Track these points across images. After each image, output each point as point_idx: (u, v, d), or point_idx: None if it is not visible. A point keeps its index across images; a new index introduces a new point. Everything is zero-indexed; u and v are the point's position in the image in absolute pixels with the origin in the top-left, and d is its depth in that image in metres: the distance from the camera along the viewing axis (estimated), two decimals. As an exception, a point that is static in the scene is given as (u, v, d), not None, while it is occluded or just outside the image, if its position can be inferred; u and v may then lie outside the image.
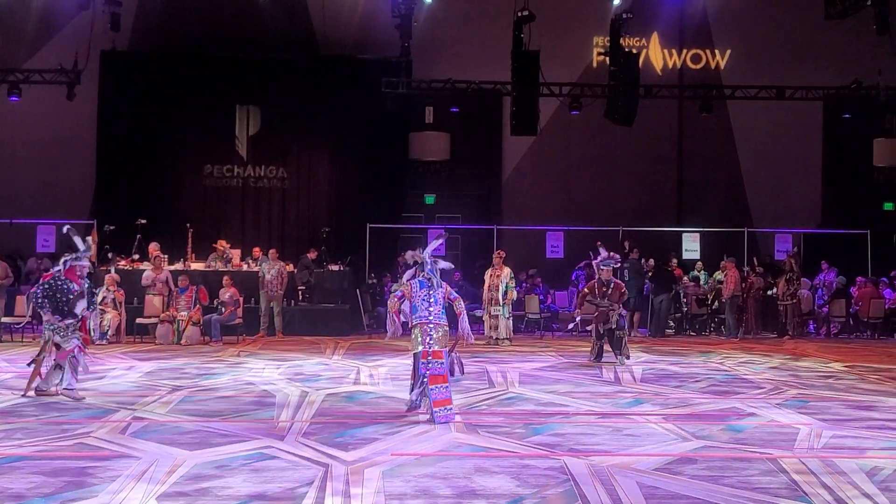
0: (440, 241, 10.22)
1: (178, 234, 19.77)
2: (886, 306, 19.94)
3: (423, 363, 9.34)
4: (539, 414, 9.91)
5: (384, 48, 21.71)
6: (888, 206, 23.91)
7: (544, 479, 6.98)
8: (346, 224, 22.18)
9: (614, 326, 14.41)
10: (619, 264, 15.32)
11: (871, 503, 6.40)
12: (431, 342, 9.34)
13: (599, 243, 18.31)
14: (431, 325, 9.41)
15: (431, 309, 9.46)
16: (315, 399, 10.56)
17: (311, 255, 19.21)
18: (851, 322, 20.24)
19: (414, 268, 9.95)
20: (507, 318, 17.46)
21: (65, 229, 10.99)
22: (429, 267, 9.61)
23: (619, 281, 15.07)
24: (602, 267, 14.72)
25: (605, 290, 14.52)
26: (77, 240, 10.88)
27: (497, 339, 17.21)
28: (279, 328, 18.23)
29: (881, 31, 19.35)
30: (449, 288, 9.85)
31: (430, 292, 9.52)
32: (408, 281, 9.85)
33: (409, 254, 10.16)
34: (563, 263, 21.90)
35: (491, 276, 17.57)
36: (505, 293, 17.28)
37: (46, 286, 10.69)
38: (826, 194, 24.17)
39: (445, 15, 22.18)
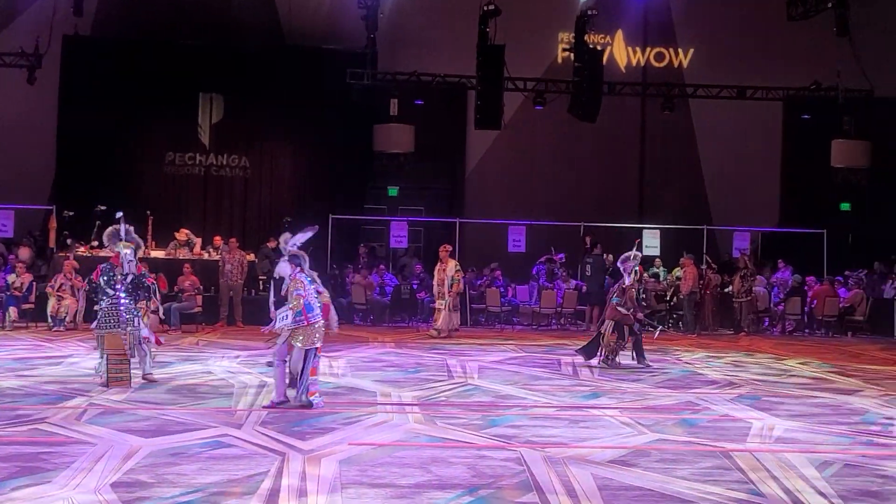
0: (309, 233, 9.81)
1: (138, 222, 19.54)
2: (841, 305, 20.25)
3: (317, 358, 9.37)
4: (497, 406, 9.98)
5: (350, 39, 21.62)
6: (845, 206, 24.23)
7: (500, 469, 7.04)
8: (309, 214, 21.97)
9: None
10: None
11: (820, 496, 6.53)
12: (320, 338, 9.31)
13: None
14: (321, 322, 9.34)
15: (317, 305, 9.35)
16: (273, 388, 10.54)
17: (271, 244, 19.10)
18: (806, 320, 20.55)
19: (289, 262, 9.41)
20: (453, 311, 17.41)
21: (118, 215, 11.20)
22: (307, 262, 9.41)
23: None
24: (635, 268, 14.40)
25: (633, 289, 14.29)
26: (122, 227, 11.00)
27: (435, 329, 17.20)
28: (239, 317, 18.15)
29: (841, 34, 19.61)
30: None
31: (315, 287, 9.45)
32: (298, 279, 9.30)
33: (288, 246, 9.60)
34: (524, 258, 21.99)
35: (438, 270, 17.56)
36: (450, 286, 17.28)
37: (104, 275, 10.83)
38: (784, 194, 24.45)
39: (412, 7, 22.14)
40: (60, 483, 6.31)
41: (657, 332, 14.49)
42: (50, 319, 16.74)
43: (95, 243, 18.51)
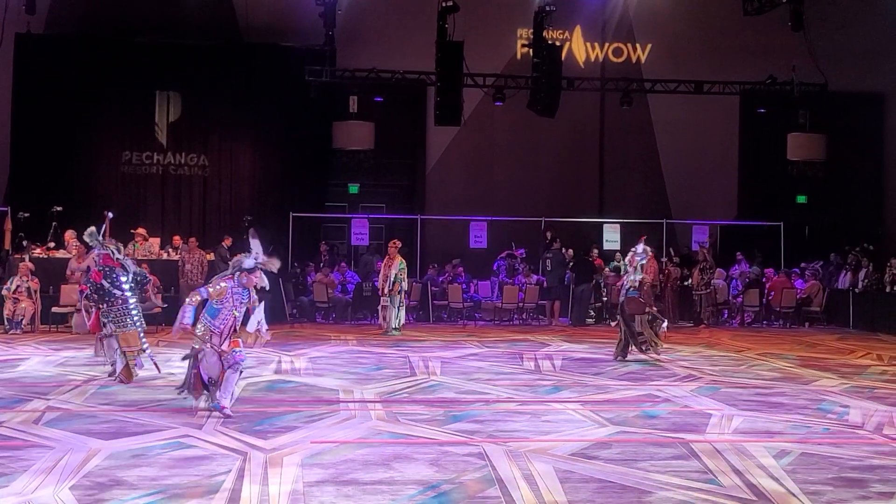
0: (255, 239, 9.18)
1: (95, 222, 19.27)
2: (798, 296, 20.54)
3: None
4: (459, 401, 10.00)
5: (308, 36, 21.54)
6: (801, 198, 24.59)
7: (463, 464, 7.06)
8: (269, 213, 21.98)
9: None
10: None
11: (777, 485, 6.61)
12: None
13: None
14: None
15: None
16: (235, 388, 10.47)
17: (227, 242, 19.00)
18: (764, 311, 20.82)
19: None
20: (399, 307, 17.37)
21: (109, 215, 12.01)
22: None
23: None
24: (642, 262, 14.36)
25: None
26: (102, 227, 11.64)
27: (388, 328, 17.22)
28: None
29: (796, 28, 19.88)
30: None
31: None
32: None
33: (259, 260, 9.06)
34: (486, 253, 22.06)
35: (385, 265, 17.53)
36: (393, 283, 17.25)
37: (107, 278, 11.09)
38: (742, 187, 24.75)
39: (370, 4, 22.11)
40: (18, 488, 6.23)
41: (664, 326, 14.58)
42: (6, 322, 16.51)
43: (52, 244, 18.28)
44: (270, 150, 22.88)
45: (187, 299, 8.98)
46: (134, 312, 11.06)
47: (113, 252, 11.28)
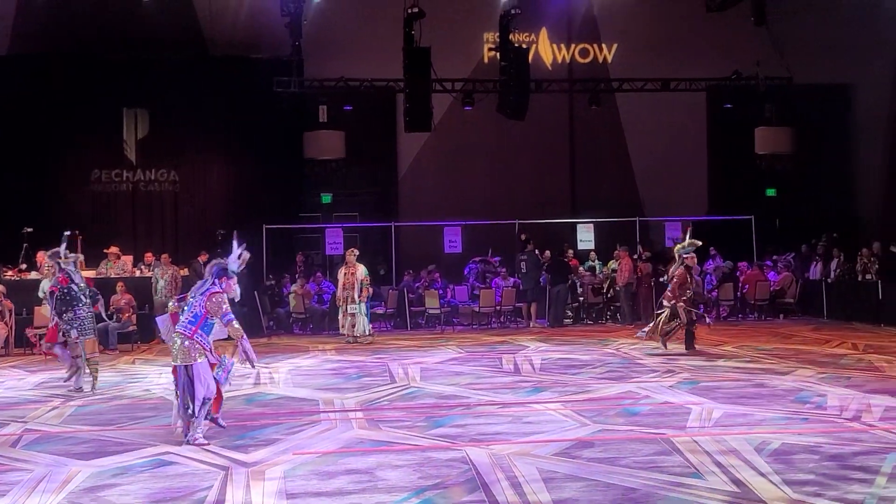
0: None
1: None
2: (771, 289, 20.70)
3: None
4: (440, 407, 9.99)
5: (275, 47, 21.50)
6: (770, 192, 24.78)
7: (446, 469, 7.06)
8: (242, 225, 21.79)
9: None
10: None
11: (758, 476, 6.66)
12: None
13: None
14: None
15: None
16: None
17: (202, 257, 18.87)
18: (739, 305, 20.96)
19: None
20: (365, 315, 17.42)
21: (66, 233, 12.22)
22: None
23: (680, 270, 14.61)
24: (688, 255, 14.54)
25: (690, 277, 14.39)
26: (62, 246, 11.89)
27: (356, 336, 17.19)
28: (175, 334, 17.86)
29: (759, 23, 20.06)
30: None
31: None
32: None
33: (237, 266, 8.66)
34: (461, 258, 22.08)
35: (345, 274, 17.48)
36: (360, 290, 17.27)
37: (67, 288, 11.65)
38: (712, 182, 24.92)
39: (335, 13, 22.09)
40: (-2, 512, 6.17)
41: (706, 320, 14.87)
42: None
43: (24, 266, 18.10)
44: (241, 162, 22.78)
45: (240, 338, 8.35)
46: (91, 324, 11.72)
47: (70, 273, 11.71)
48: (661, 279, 20.41)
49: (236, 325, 8.33)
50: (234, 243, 8.72)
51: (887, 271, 19.21)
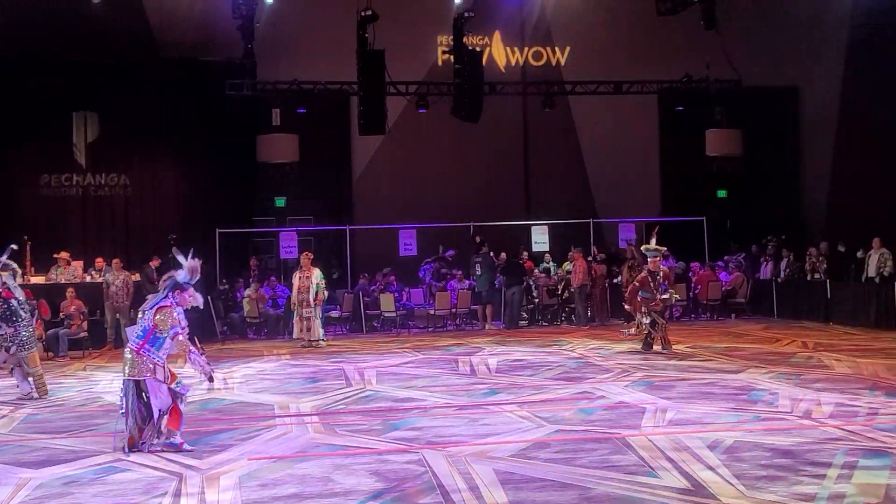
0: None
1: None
2: (723, 289, 20.96)
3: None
4: (396, 410, 9.98)
5: (227, 50, 21.27)
6: (721, 193, 25.10)
7: (403, 472, 7.04)
8: (195, 230, 21.64)
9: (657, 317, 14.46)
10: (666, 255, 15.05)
11: (712, 473, 6.74)
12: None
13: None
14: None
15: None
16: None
17: (154, 263, 18.68)
18: (692, 305, 21.19)
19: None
20: (320, 319, 17.37)
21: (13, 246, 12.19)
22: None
23: (667, 268, 14.97)
24: (651, 258, 14.72)
25: (655, 280, 14.48)
26: (3, 256, 11.66)
27: (311, 340, 17.13)
28: (127, 340, 17.63)
29: (709, 27, 20.29)
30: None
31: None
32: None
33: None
34: (416, 261, 22.06)
35: (300, 277, 17.42)
36: (315, 294, 17.22)
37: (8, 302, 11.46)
38: (664, 184, 25.18)
39: (288, 15, 21.95)
40: (-55, 523, 6.04)
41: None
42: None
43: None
44: (194, 166, 22.53)
45: (188, 353, 8.11)
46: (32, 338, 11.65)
47: (11, 287, 11.53)
48: (614, 280, 20.67)
49: (182, 339, 8.09)
50: (179, 255, 8.43)
51: (835, 270, 19.58)
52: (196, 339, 8.66)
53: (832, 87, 24.01)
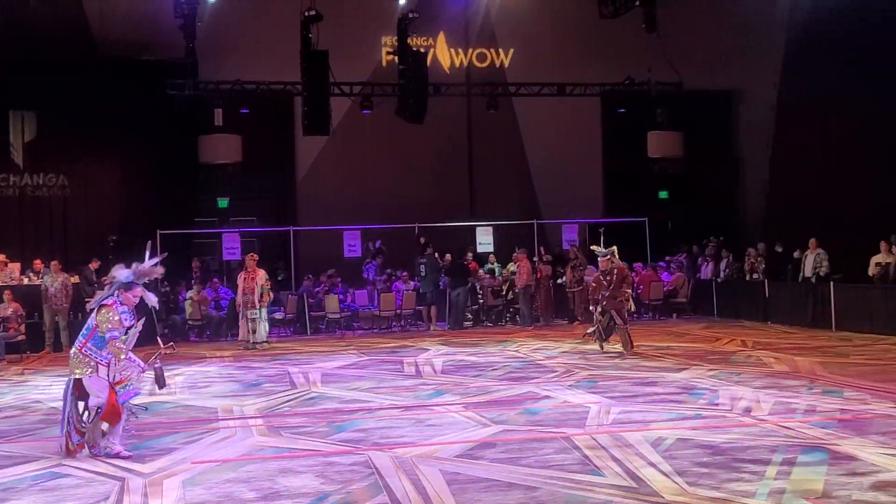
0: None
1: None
2: (665, 289, 21.24)
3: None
4: (342, 411, 9.94)
5: (168, 49, 20.97)
6: (663, 194, 25.43)
7: (349, 474, 7.02)
8: (135, 231, 21.29)
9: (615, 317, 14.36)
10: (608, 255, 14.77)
11: (656, 471, 6.83)
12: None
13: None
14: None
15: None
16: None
17: (94, 265, 18.37)
18: (634, 305, 21.40)
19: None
20: (265, 320, 17.32)
21: None
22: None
23: (621, 266, 14.81)
24: (601, 258, 14.65)
25: (608, 279, 14.43)
26: None
27: (255, 342, 17.04)
28: (66, 343, 17.34)
29: (650, 30, 20.52)
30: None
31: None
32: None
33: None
34: (360, 262, 21.99)
35: (245, 279, 17.32)
36: (261, 296, 17.12)
37: None
38: (607, 185, 25.41)
39: (231, 15, 21.74)
40: None
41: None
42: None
43: None
44: (134, 166, 22.17)
45: (120, 355, 7.85)
46: None
47: None
48: (559, 281, 20.84)
49: (118, 344, 7.85)
50: (147, 253, 8.26)
51: (773, 271, 19.97)
52: (160, 340, 8.60)
53: (769, 91, 24.47)
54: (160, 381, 8.27)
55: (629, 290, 14.81)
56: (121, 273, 8.11)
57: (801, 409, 9.12)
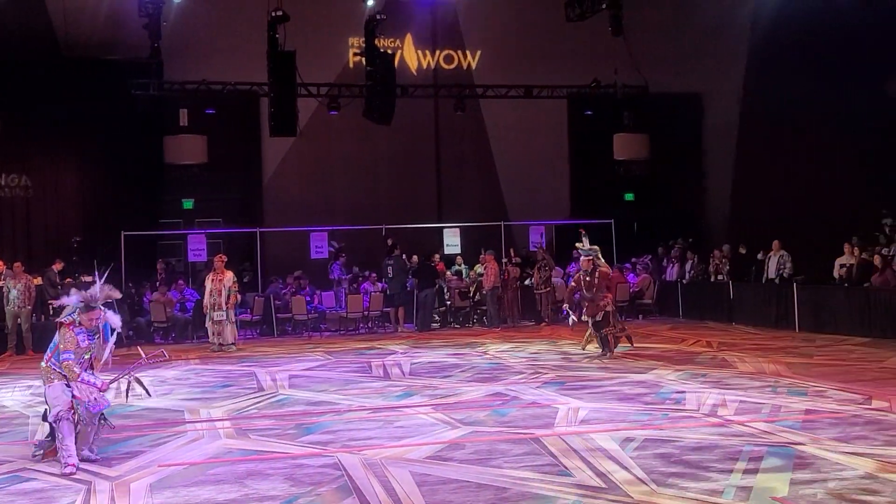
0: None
1: None
2: (631, 290, 21.37)
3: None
4: (310, 413, 9.90)
5: (133, 49, 20.75)
6: (629, 196, 25.59)
7: (319, 476, 7.00)
8: (99, 232, 21.12)
9: (600, 319, 14.14)
10: (592, 254, 14.47)
11: (624, 471, 6.87)
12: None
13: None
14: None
15: None
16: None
17: (57, 266, 18.16)
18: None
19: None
20: (233, 322, 17.25)
21: None
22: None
23: (604, 268, 14.53)
24: (583, 257, 14.44)
25: (588, 279, 14.30)
26: None
27: (222, 344, 16.95)
28: (29, 345, 17.14)
29: (616, 33, 20.64)
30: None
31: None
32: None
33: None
34: (327, 264, 21.90)
35: (213, 280, 17.23)
36: (228, 297, 17.04)
37: None
38: (573, 187, 25.52)
39: (196, 14, 21.56)
40: None
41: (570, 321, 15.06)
42: None
43: None
44: (98, 167, 21.93)
45: (73, 377, 7.67)
46: None
47: None
48: (526, 282, 20.89)
49: (73, 367, 7.61)
50: (97, 276, 7.99)
51: (737, 272, 20.16)
52: (140, 349, 8.47)
53: (734, 94, 24.73)
54: (144, 389, 8.15)
55: (610, 295, 14.56)
56: (71, 300, 7.87)
57: (767, 409, 9.22)
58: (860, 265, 16.91)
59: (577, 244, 14.96)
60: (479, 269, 20.87)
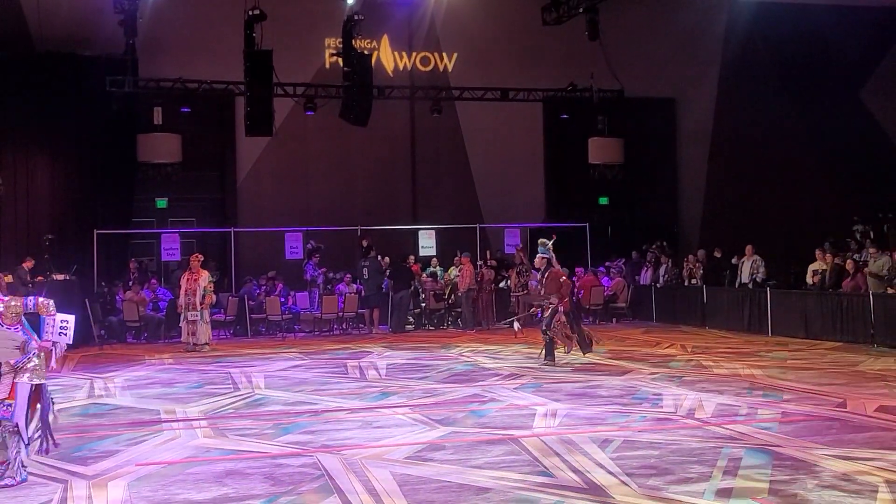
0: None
1: None
2: (605, 293, 21.46)
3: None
4: (288, 413, 9.85)
5: (107, 45, 20.55)
6: (603, 200, 25.69)
7: (299, 476, 6.96)
8: (71, 231, 20.91)
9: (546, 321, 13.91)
10: (548, 254, 14.30)
11: (603, 471, 6.89)
12: None
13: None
14: None
15: None
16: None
17: (28, 264, 17.94)
18: (576, 309, 21.57)
19: None
20: (207, 322, 17.16)
21: None
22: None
23: (557, 269, 14.22)
24: (539, 254, 14.34)
25: (541, 278, 14.19)
26: None
27: (196, 344, 16.87)
28: (0, 344, 16.90)
29: (592, 38, 20.72)
30: None
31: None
32: None
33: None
34: (302, 264, 21.80)
35: (187, 280, 17.13)
36: (203, 297, 16.98)
37: None
38: (548, 190, 25.59)
39: (173, 11, 21.40)
40: None
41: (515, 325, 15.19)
42: None
43: None
44: (71, 165, 21.69)
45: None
46: None
47: None
48: (501, 285, 20.91)
49: None
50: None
51: (711, 276, 20.30)
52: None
53: (707, 100, 24.95)
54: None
55: (560, 301, 13.90)
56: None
57: (744, 412, 9.29)
58: (833, 270, 17.07)
59: (540, 240, 14.98)
60: (454, 271, 20.87)
